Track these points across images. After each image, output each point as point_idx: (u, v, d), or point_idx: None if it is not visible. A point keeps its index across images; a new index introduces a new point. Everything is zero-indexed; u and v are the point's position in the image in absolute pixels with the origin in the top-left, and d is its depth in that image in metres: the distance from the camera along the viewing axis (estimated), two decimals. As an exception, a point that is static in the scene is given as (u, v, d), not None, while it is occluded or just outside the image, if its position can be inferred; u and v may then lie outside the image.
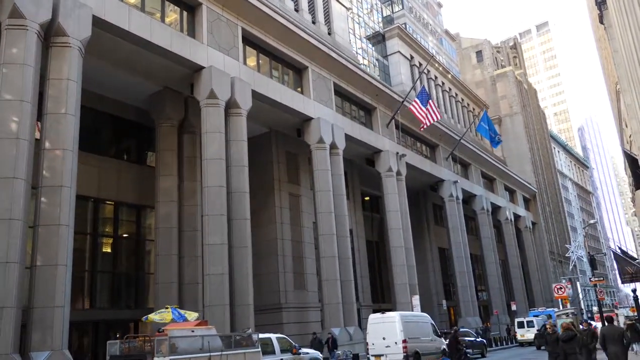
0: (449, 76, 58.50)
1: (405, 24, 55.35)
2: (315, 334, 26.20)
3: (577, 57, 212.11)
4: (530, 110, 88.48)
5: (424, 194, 50.18)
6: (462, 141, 48.06)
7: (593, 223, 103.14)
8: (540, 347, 30.14)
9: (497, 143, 46.28)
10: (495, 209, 57.73)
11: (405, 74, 49.58)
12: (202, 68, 23.52)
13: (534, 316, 39.95)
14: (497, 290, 50.96)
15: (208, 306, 21.32)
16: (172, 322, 14.65)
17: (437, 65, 56.03)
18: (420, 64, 51.46)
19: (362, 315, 33.55)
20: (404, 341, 21.10)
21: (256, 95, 26.16)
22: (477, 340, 31.71)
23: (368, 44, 48.75)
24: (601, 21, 26.65)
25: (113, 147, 26.65)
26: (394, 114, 38.19)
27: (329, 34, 37.92)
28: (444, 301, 44.31)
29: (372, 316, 22.99)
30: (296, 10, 33.87)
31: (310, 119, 30.10)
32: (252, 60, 28.36)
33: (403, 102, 37.90)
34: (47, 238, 16.24)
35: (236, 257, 22.78)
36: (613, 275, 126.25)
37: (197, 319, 15.79)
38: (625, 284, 71.31)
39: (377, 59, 49.35)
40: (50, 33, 17.67)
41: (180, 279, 24.28)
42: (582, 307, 67.43)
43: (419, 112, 35.62)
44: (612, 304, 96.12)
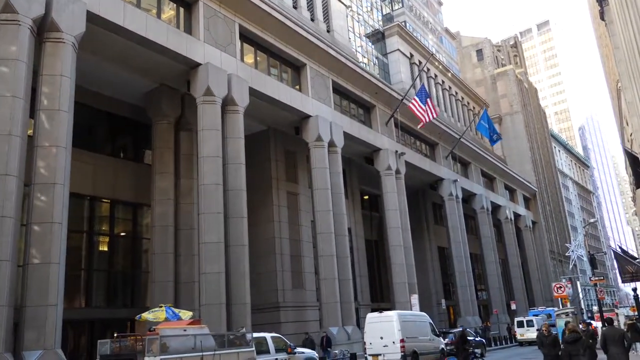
0: (449, 74, 58.22)
1: (405, 22, 55.07)
2: (308, 333, 26.02)
3: (578, 57, 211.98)
4: (530, 109, 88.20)
5: (424, 193, 49.94)
6: (462, 140, 47.83)
7: (593, 222, 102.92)
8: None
9: (494, 141, 46.04)
10: (495, 208, 57.49)
11: (405, 72, 49.33)
12: (198, 65, 23.31)
13: (533, 315, 39.75)
14: (496, 290, 50.74)
15: (204, 305, 21.14)
16: (165, 321, 14.45)
17: (437, 63, 55.77)
18: (420, 62, 51.19)
19: (361, 315, 33.30)
20: (402, 340, 20.92)
21: (254, 93, 25.98)
22: (477, 339, 31.52)
23: (368, 42, 48.51)
24: (602, 17, 26.44)
25: (109, 145, 26.48)
26: (393, 112, 37.96)
27: (328, 31, 37.67)
28: (443, 300, 44.10)
29: (369, 315, 22.79)
30: (294, 8, 33.63)
31: (308, 116, 29.89)
32: (249, 58, 28.14)
33: (402, 100, 37.67)
34: (40, 236, 16.06)
35: (233, 255, 22.59)
36: (613, 275, 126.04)
37: (191, 318, 15.59)
38: (625, 284, 71.02)
39: (376, 57, 49.11)
40: (43, 28, 17.46)
41: (176, 278, 24.09)
42: (582, 307, 67.17)
43: (418, 110, 35.40)
44: (612, 303, 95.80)
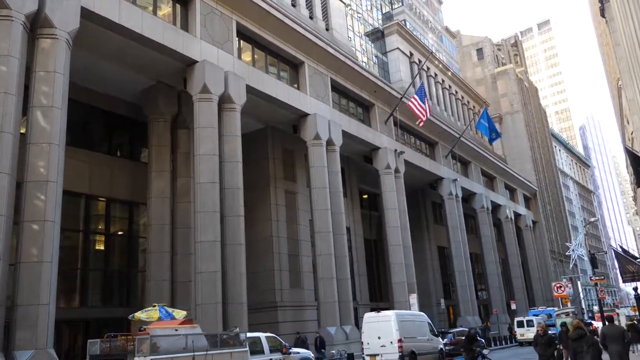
0: (449, 73, 57.98)
1: (404, 21, 54.80)
2: (299, 333, 25.82)
3: (578, 57, 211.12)
4: (531, 109, 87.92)
5: (423, 192, 49.70)
6: (462, 139, 47.59)
7: (594, 221, 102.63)
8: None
9: (493, 139, 45.78)
10: (496, 207, 57.23)
11: (405, 71, 49.08)
12: (195, 62, 23.09)
13: (533, 315, 39.53)
14: (497, 290, 50.49)
15: (200, 304, 20.94)
16: (159, 320, 14.22)
17: (437, 62, 55.51)
18: (420, 61, 50.94)
19: (360, 314, 33.05)
20: (400, 340, 20.69)
21: (251, 90, 25.76)
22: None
23: (367, 41, 48.27)
24: (602, 14, 26.18)
25: (105, 143, 26.29)
26: (392, 110, 37.73)
27: (327, 29, 37.45)
28: (442, 300, 43.86)
29: (367, 315, 22.55)
30: (293, 6, 33.40)
31: (306, 114, 29.66)
32: (247, 55, 27.92)
33: (402, 98, 37.44)
34: (32, 234, 15.85)
35: (229, 254, 22.39)
36: (614, 275, 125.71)
37: (185, 317, 15.37)
38: (626, 283, 70.77)
39: (376, 56, 48.86)
40: (36, 24, 17.25)
41: (173, 277, 23.92)
42: (583, 307, 66.91)
43: (418, 109, 35.16)
44: (613, 303, 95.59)
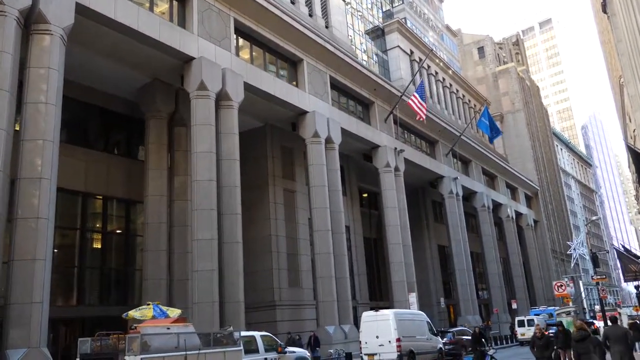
0: (450, 72, 57.72)
1: (405, 19, 54.59)
2: (290, 333, 25.62)
3: (580, 56, 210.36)
4: (532, 108, 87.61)
5: (424, 191, 49.45)
6: (463, 137, 47.33)
7: (596, 219, 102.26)
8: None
9: (494, 137, 45.50)
10: (497, 206, 56.95)
11: (405, 69, 48.87)
12: (192, 59, 22.90)
13: (535, 315, 39.27)
14: (497, 289, 50.24)
15: (197, 303, 20.76)
16: (152, 318, 14.02)
17: (437, 60, 55.28)
18: (421, 59, 50.71)
19: (359, 313, 32.72)
20: (398, 340, 20.46)
21: (249, 88, 25.54)
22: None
23: (367, 39, 48.05)
24: (604, 10, 25.93)
25: (102, 141, 26.10)
26: (392, 108, 37.50)
27: (327, 27, 37.25)
28: (442, 299, 43.61)
29: (365, 314, 22.31)
30: (292, 3, 33.20)
31: (305, 112, 29.45)
32: (245, 52, 27.71)
33: (402, 96, 37.20)
34: (25, 232, 15.70)
35: (227, 253, 22.20)
36: (616, 274, 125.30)
37: (181, 316, 15.17)
38: (628, 282, 70.46)
39: (376, 54, 48.65)
40: (30, 20, 17.09)
41: (170, 275, 23.75)
42: (585, 306, 66.66)
43: (418, 106, 34.93)
44: (614, 302, 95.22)
